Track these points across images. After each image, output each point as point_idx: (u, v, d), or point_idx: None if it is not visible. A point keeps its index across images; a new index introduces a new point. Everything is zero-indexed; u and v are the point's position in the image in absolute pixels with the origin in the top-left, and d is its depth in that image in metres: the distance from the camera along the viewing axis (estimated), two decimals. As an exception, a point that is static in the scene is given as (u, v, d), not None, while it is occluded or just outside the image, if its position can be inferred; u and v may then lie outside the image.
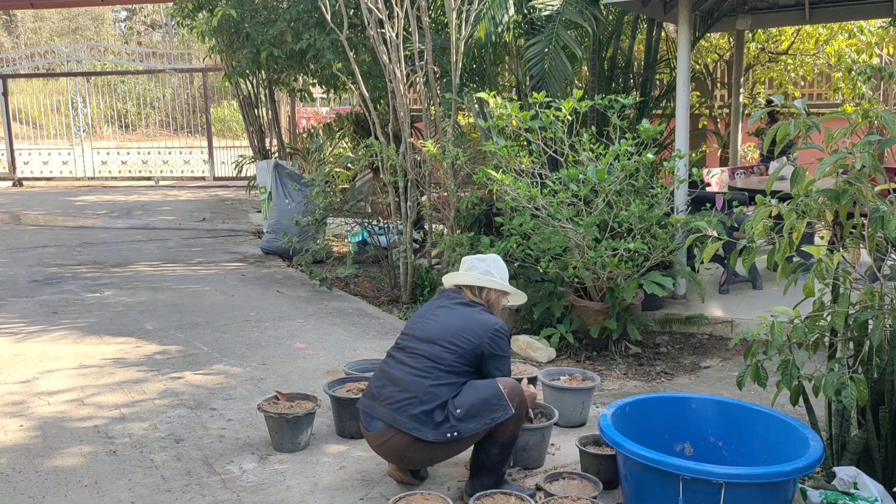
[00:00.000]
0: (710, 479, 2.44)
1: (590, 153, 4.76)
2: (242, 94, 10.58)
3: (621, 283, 4.77)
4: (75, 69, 16.08)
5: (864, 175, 2.69)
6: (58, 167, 15.82)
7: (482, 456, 3.02)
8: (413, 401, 2.92)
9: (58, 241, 9.08)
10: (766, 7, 7.78)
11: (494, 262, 3.27)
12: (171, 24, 17.24)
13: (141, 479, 3.24)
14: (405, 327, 3.22)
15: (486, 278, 3.19)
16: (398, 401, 2.95)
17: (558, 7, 5.99)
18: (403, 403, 2.93)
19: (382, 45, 5.98)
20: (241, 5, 8.04)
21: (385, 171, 6.34)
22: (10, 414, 3.92)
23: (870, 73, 5.25)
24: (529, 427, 3.27)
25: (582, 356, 4.94)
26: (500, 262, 3.30)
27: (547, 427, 3.35)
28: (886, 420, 2.85)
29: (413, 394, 2.93)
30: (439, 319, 3.11)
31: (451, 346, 2.99)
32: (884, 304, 2.84)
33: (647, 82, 7.69)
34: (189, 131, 17.03)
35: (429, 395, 2.91)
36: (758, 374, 2.95)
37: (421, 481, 3.19)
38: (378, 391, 3.04)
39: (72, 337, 5.25)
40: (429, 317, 3.15)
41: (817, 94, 11.86)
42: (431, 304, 3.26)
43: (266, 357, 4.85)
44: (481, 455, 3.02)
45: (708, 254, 2.97)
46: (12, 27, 29.66)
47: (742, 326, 5.31)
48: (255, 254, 8.36)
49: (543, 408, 3.53)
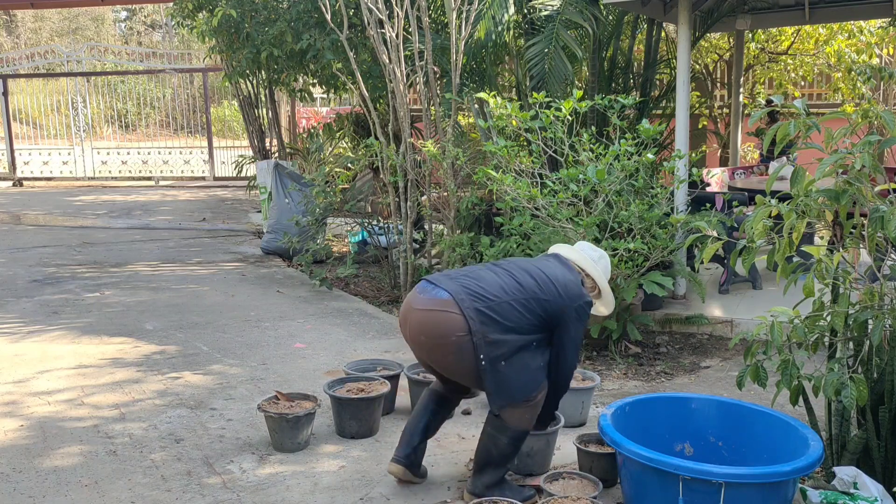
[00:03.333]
0: (709, 479, 2.44)
1: (590, 153, 4.76)
2: (242, 94, 10.58)
3: (621, 283, 4.77)
4: (75, 69, 16.08)
5: (864, 175, 2.69)
6: (58, 167, 15.81)
7: (490, 446, 2.95)
8: (489, 302, 2.82)
9: (57, 241, 9.08)
10: (766, 7, 7.78)
11: (605, 258, 3.25)
12: (171, 24, 17.21)
13: (141, 479, 3.24)
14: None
15: (594, 266, 3.16)
16: (475, 291, 2.86)
17: (558, 7, 5.99)
18: (480, 295, 2.84)
19: (382, 45, 5.98)
20: (241, 5, 8.03)
21: (385, 171, 6.34)
22: (10, 414, 3.92)
23: (870, 74, 5.25)
24: (534, 433, 3.22)
25: (582, 356, 4.93)
26: (608, 263, 3.26)
27: (553, 433, 3.32)
28: (886, 420, 2.85)
29: (494, 297, 2.84)
30: (545, 266, 3.06)
31: (545, 287, 2.92)
32: (884, 304, 2.84)
33: (647, 82, 7.69)
34: (189, 131, 17.03)
35: (503, 309, 2.83)
36: (758, 374, 2.95)
37: (422, 479, 3.19)
38: (457, 274, 2.98)
39: (71, 337, 5.25)
40: (535, 261, 3.13)
41: (817, 94, 11.86)
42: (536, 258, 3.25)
43: (266, 357, 4.85)
44: (489, 446, 2.96)
45: (708, 254, 2.97)
46: (12, 27, 29.65)
47: (742, 326, 5.31)
48: (255, 254, 8.36)
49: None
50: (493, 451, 2.96)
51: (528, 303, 2.88)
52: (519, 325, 2.85)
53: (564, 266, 3.09)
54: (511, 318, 2.83)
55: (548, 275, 2.98)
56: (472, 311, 2.79)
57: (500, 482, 3.01)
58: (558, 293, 2.93)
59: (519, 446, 3.02)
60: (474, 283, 2.89)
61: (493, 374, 2.82)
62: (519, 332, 2.86)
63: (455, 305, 2.80)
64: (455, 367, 2.91)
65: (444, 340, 2.82)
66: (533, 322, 2.89)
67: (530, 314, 2.88)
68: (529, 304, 2.88)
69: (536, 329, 2.91)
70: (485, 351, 2.79)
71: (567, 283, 2.99)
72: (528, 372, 2.89)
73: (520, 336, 2.86)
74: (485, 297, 2.83)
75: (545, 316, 2.91)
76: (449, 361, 2.89)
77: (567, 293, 2.95)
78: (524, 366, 2.88)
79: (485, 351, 2.79)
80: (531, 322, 2.88)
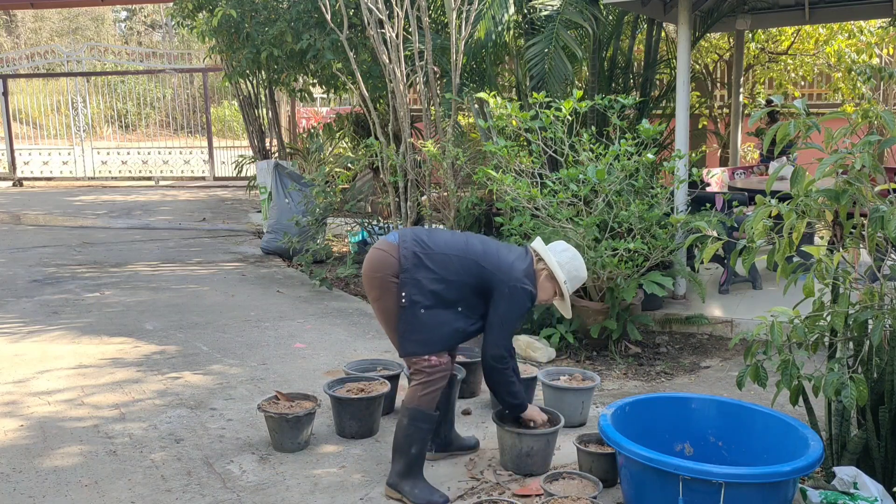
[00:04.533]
0: (709, 479, 2.44)
1: (590, 153, 4.77)
2: (242, 94, 10.58)
3: (621, 283, 4.77)
4: (75, 69, 16.08)
5: (864, 175, 2.69)
6: (58, 167, 15.81)
7: (397, 430, 3.07)
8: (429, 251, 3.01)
9: (57, 241, 9.08)
10: (766, 7, 7.78)
11: (576, 258, 3.19)
12: (171, 24, 17.21)
13: (141, 479, 3.24)
14: None
15: (549, 253, 3.13)
16: (421, 239, 3.05)
17: (558, 7, 5.99)
18: (423, 243, 3.03)
19: (382, 45, 5.98)
20: (241, 5, 8.03)
21: (385, 171, 6.34)
22: (10, 414, 3.92)
23: (870, 73, 5.25)
24: (534, 432, 3.24)
25: (582, 356, 4.93)
26: (579, 264, 3.19)
27: (552, 433, 3.30)
28: (886, 420, 2.85)
29: (434, 247, 3.03)
30: (502, 245, 3.18)
31: (488, 257, 3.03)
32: (884, 304, 2.84)
33: (647, 82, 7.68)
34: (189, 131, 17.03)
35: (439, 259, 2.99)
36: (758, 374, 2.95)
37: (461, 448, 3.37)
38: (421, 229, 3.19)
39: (71, 337, 5.25)
40: (498, 242, 3.23)
41: (817, 94, 11.86)
42: None
43: (266, 357, 4.85)
44: (396, 429, 3.08)
45: (708, 254, 2.97)
46: (12, 27, 29.65)
47: (742, 326, 5.31)
48: (255, 254, 8.36)
49: (549, 413, 3.41)
50: (399, 435, 3.05)
51: (466, 262, 3.02)
52: (450, 281, 2.99)
53: (521, 253, 3.15)
54: (445, 271, 2.99)
55: (498, 250, 3.11)
56: (409, 253, 2.99)
57: (414, 476, 3.02)
58: (499, 267, 3.02)
59: (420, 429, 3.02)
60: (425, 234, 3.09)
61: (409, 316, 2.99)
62: (449, 287, 2.99)
63: (396, 249, 3.02)
64: (381, 305, 3.07)
65: (376, 275, 3.04)
66: (466, 282, 3.01)
67: (465, 274, 3.00)
68: (467, 263, 3.01)
69: (467, 292, 3.02)
70: (408, 291, 2.97)
71: (512, 262, 3.06)
72: (441, 328, 3.00)
73: (448, 291, 3.00)
74: (426, 245, 3.03)
75: (479, 283, 3.02)
76: (375, 297, 3.08)
77: (507, 270, 3.02)
78: (441, 322, 3.00)
79: (408, 291, 2.97)
80: (464, 282, 3.01)
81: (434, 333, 3.02)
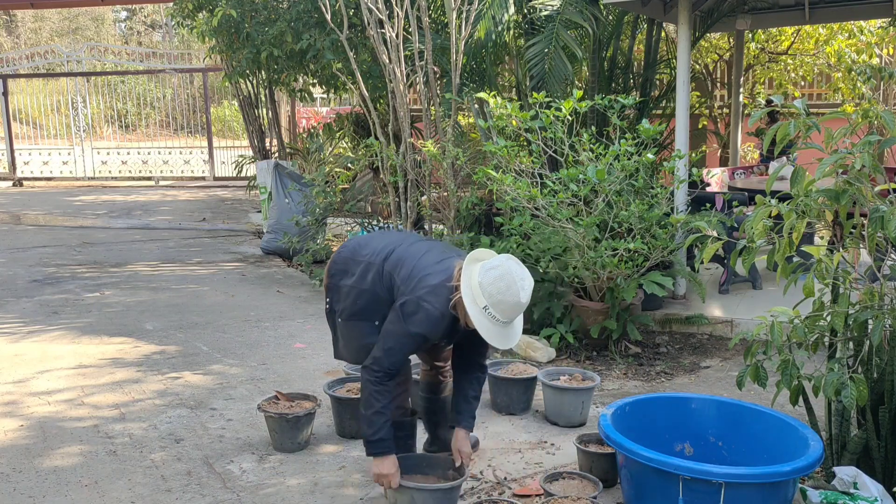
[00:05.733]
0: (709, 479, 2.44)
1: (590, 153, 4.76)
2: (242, 94, 10.58)
3: (621, 283, 4.77)
4: (75, 69, 16.07)
5: (864, 175, 2.69)
6: (58, 167, 15.81)
7: None
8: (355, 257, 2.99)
9: (57, 241, 9.08)
10: (766, 7, 7.78)
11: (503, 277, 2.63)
12: (171, 24, 17.21)
13: (141, 479, 3.24)
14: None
15: (471, 269, 2.70)
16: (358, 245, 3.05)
17: (558, 7, 5.99)
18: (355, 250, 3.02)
19: (382, 45, 5.98)
20: (241, 5, 8.03)
21: (385, 171, 6.34)
22: (10, 414, 3.92)
23: (870, 73, 5.26)
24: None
25: (582, 356, 4.93)
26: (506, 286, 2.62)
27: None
28: (886, 420, 2.85)
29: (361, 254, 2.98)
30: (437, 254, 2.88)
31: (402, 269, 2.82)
32: (884, 304, 2.84)
33: (647, 82, 7.68)
34: (189, 131, 17.02)
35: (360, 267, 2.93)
36: (758, 374, 2.95)
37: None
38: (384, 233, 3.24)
39: (71, 337, 5.25)
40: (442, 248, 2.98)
41: (817, 94, 11.86)
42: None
43: (266, 357, 4.85)
44: None
45: (708, 254, 2.97)
46: (12, 27, 29.65)
47: (742, 326, 5.31)
48: (255, 254, 8.36)
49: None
50: None
51: (383, 272, 2.86)
52: (364, 290, 2.87)
53: (448, 266, 2.78)
54: (362, 280, 2.88)
55: (421, 259, 2.82)
56: (340, 258, 2.99)
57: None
58: (408, 278, 2.76)
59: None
60: (367, 240, 3.05)
61: (331, 323, 3.02)
62: (362, 297, 2.88)
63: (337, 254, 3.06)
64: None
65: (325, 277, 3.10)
66: (379, 294, 2.85)
67: (379, 285, 2.85)
68: (384, 274, 2.86)
69: (383, 306, 2.84)
70: (331, 297, 3.02)
71: (425, 276, 2.73)
72: (353, 342, 2.94)
73: (363, 301, 2.88)
74: (356, 252, 2.99)
75: (390, 296, 2.82)
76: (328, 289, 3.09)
77: (413, 283, 2.73)
78: (355, 335, 2.92)
79: (331, 297, 3.02)
80: (377, 293, 2.85)
81: (349, 345, 2.95)
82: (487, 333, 2.65)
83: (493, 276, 2.65)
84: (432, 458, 3.06)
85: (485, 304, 2.64)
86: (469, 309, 2.64)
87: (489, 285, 2.63)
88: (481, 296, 2.64)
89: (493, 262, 2.71)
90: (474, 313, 2.64)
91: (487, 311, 2.64)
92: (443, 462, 2.95)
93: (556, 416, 3.83)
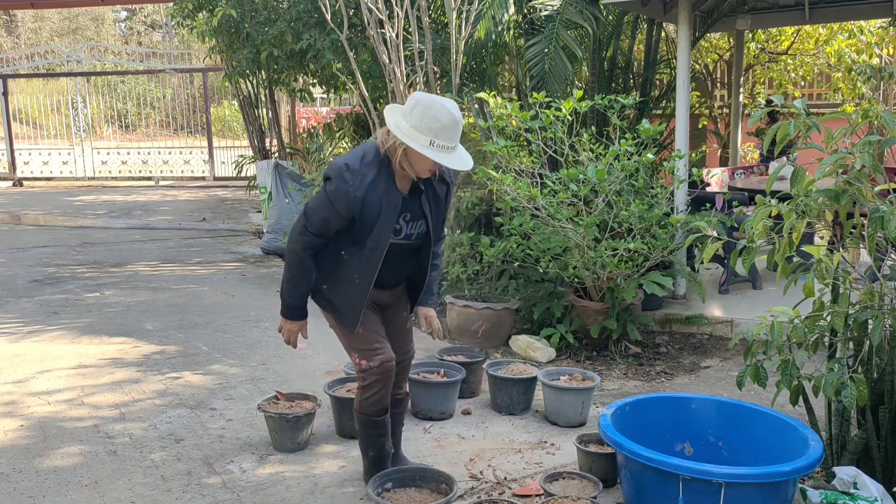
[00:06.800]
0: (709, 479, 2.44)
1: (590, 153, 4.76)
2: (242, 94, 10.57)
3: (621, 283, 4.77)
4: (75, 69, 16.08)
5: (864, 175, 2.69)
6: (58, 167, 15.81)
7: None
8: None
9: (57, 241, 9.08)
10: (766, 7, 7.78)
11: (429, 107, 2.64)
12: (171, 24, 17.22)
13: (141, 479, 3.24)
14: None
15: (398, 130, 2.67)
16: None
17: (558, 7, 5.99)
18: None
19: (382, 45, 5.98)
20: (241, 5, 8.04)
21: (385, 171, 6.33)
22: (10, 414, 3.92)
23: (870, 73, 5.25)
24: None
25: (582, 356, 4.93)
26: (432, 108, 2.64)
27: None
28: (886, 420, 2.85)
29: None
30: None
31: None
32: (884, 304, 2.84)
33: (647, 82, 7.68)
34: (189, 131, 17.03)
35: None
36: (758, 374, 2.95)
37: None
38: None
39: (71, 337, 5.25)
40: None
41: (817, 94, 11.86)
42: None
43: (266, 357, 4.85)
44: None
45: (708, 254, 2.97)
46: (12, 27, 29.65)
47: (742, 326, 5.31)
48: (255, 254, 8.36)
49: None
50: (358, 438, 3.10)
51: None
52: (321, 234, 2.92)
53: (362, 146, 2.88)
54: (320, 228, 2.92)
55: None
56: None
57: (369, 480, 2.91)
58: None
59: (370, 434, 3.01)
60: None
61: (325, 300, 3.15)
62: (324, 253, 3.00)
63: None
64: None
65: None
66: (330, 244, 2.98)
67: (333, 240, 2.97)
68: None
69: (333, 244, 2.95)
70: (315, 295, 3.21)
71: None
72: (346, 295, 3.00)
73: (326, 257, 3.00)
74: None
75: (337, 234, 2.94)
76: None
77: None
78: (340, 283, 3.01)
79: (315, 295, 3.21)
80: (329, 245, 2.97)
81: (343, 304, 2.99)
82: (449, 162, 2.68)
83: (420, 113, 2.65)
84: (426, 471, 3.02)
85: (430, 139, 2.63)
86: (422, 152, 2.64)
87: (421, 122, 2.64)
88: (422, 135, 2.64)
89: (408, 104, 2.71)
90: (428, 153, 2.64)
91: (434, 144, 2.64)
92: (436, 475, 2.96)
93: (556, 416, 3.83)
